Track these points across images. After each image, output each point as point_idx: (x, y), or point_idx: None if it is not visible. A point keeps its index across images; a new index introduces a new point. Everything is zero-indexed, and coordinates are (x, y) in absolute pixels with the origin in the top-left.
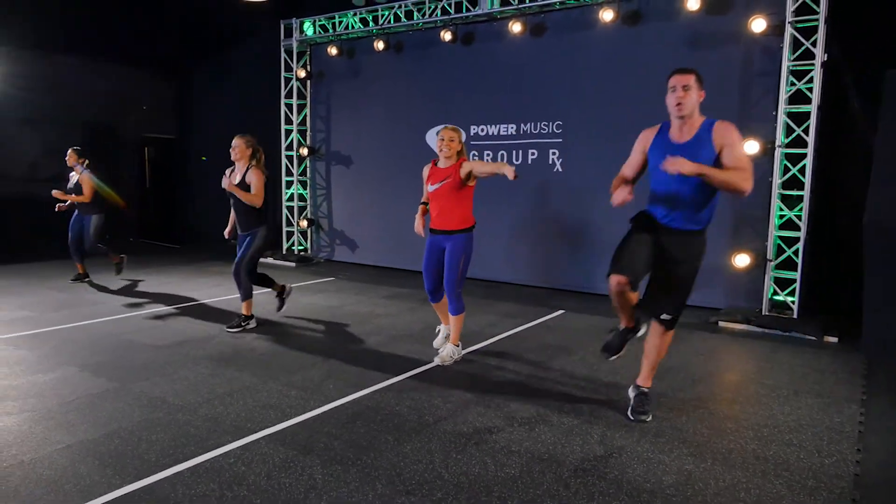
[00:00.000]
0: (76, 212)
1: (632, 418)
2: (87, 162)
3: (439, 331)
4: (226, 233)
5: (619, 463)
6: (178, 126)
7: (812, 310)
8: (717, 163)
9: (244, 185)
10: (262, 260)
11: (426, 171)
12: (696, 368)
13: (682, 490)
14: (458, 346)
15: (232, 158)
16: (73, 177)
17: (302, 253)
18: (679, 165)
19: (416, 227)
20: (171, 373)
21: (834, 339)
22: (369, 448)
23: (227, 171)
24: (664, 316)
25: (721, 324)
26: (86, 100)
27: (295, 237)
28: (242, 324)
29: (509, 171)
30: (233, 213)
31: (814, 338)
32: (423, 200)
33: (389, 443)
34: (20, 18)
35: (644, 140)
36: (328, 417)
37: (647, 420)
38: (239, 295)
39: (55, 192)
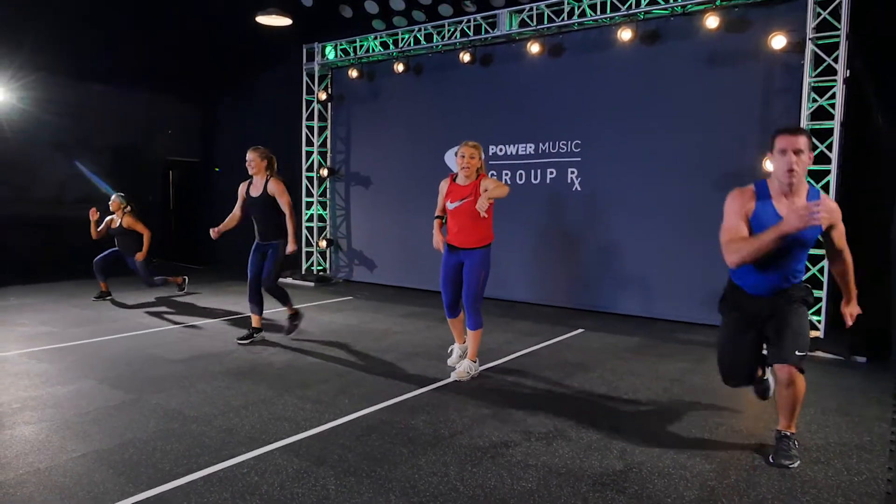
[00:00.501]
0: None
1: (772, 461)
2: (129, 208)
3: (452, 350)
4: (214, 232)
5: (640, 478)
6: (203, 149)
7: (839, 329)
8: (820, 237)
9: (267, 197)
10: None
11: (444, 186)
12: (718, 387)
13: None
14: (475, 361)
15: (250, 172)
16: (115, 220)
17: (321, 273)
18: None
19: (436, 242)
20: (188, 386)
21: (862, 359)
22: (383, 460)
23: (243, 185)
24: (798, 354)
25: None
26: (113, 124)
27: (314, 257)
28: (294, 323)
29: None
30: (231, 216)
31: (841, 357)
32: (437, 214)
33: (404, 455)
34: (52, 46)
35: (741, 206)
36: (343, 430)
37: (793, 465)
38: (279, 306)
39: (93, 211)
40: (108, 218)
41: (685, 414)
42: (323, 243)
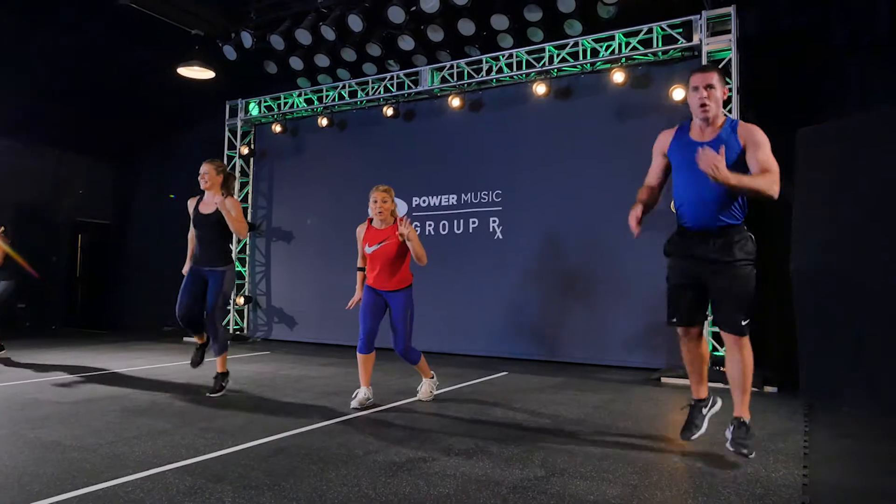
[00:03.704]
0: None
1: (731, 449)
2: (3, 229)
3: (357, 394)
4: (184, 270)
5: (561, 481)
6: (115, 211)
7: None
8: (740, 160)
9: (220, 217)
10: (187, 339)
11: (362, 231)
12: (640, 412)
13: (627, 500)
14: (432, 378)
15: (202, 187)
16: None
17: (237, 332)
18: (714, 165)
19: (356, 299)
20: (74, 422)
21: (773, 389)
22: (289, 476)
23: (191, 200)
24: (742, 322)
25: (664, 379)
26: (17, 180)
27: (231, 315)
28: (223, 384)
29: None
30: (191, 248)
31: (755, 388)
32: (359, 266)
33: (313, 471)
34: None
35: (662, 143)
36: (247, 453)
37: (750, 455)
38: (213, 349)
39: None
40: None
41: (608, 432)
42: (241, 300)
